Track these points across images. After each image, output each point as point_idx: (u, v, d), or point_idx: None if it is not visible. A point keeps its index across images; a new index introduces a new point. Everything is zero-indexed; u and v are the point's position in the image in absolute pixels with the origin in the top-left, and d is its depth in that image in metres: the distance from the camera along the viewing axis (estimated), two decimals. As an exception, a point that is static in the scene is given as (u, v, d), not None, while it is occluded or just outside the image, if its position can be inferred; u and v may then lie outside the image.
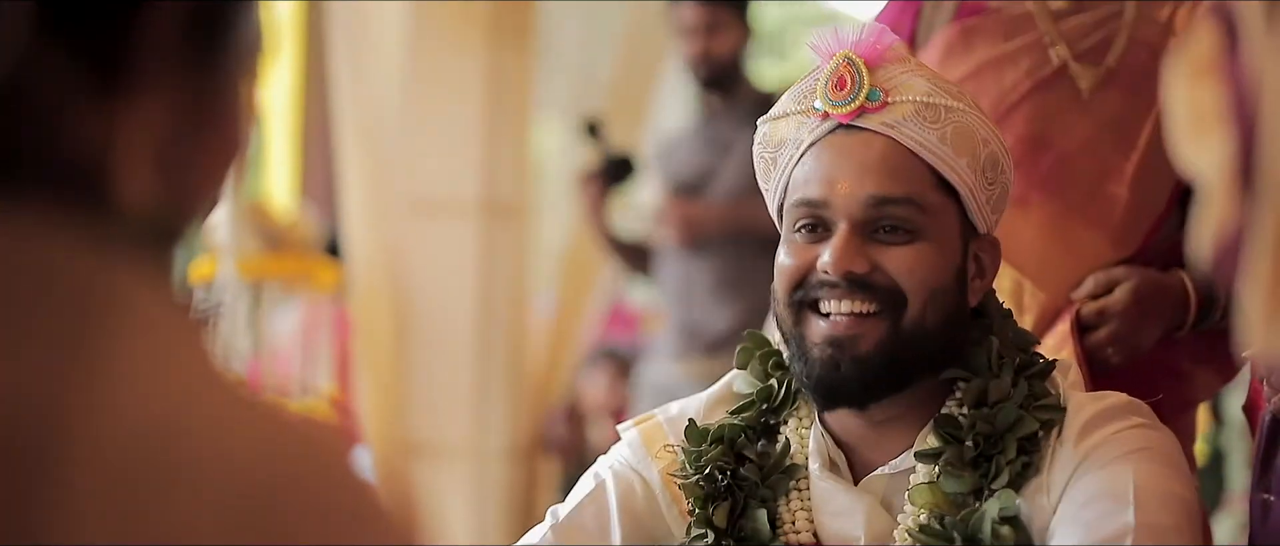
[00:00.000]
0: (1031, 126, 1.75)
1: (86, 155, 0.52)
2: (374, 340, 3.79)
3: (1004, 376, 1.40)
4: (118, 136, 0.53)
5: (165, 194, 0.55)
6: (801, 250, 1.40)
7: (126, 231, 0.53)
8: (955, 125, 1.38)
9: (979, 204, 1.41)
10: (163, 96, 0.54)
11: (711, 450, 1.45)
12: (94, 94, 0.52)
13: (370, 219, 3.82)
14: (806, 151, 1.41)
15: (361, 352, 3.85)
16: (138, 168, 0.54)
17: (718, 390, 1.53)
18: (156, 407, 0.49)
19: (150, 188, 0.54)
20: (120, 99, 0.53)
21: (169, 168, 0.55)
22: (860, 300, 1.37)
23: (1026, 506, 1.34)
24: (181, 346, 0.52)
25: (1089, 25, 1.79)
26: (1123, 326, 1.68)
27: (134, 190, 0.54)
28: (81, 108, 0.52)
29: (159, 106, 0.54)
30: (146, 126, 0.54)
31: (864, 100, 1.38)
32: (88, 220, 0.52)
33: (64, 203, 0.52)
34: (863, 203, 1.37)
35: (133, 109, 0.53)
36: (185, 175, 0.56)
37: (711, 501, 1.43)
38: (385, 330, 3.77)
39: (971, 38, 1.80)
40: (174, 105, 0.55)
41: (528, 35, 3.82)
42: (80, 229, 0.51)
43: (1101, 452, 1.34)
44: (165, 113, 0.54)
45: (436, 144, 3.75)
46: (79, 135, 0.52)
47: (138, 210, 0.54)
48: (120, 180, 0.53)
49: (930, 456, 1.38)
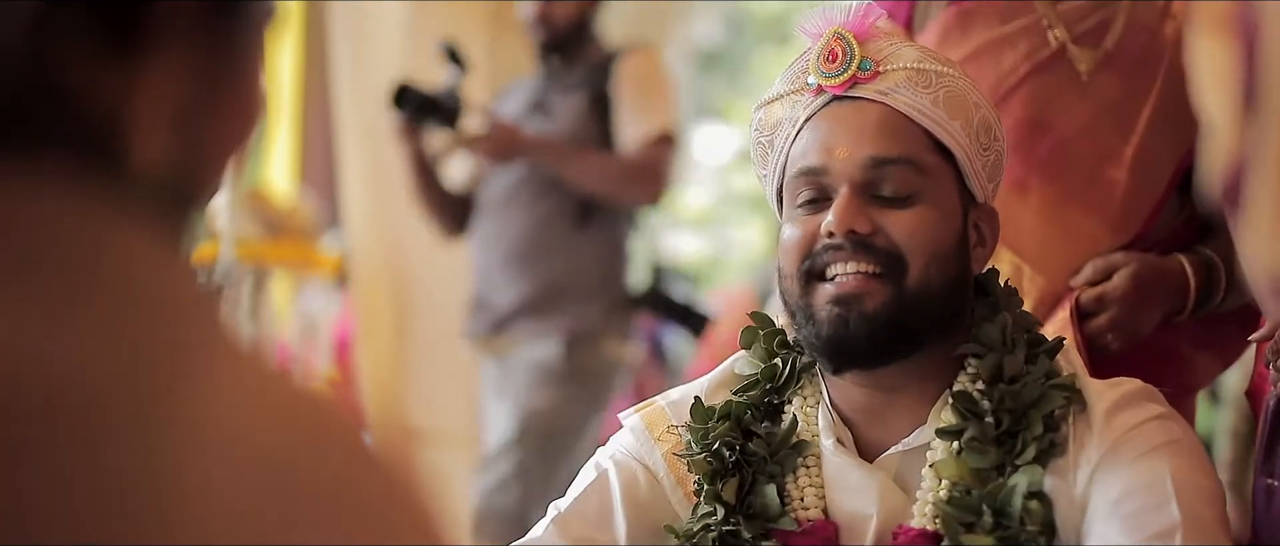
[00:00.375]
0: (1030, 109, 1.75)
1: (101, 114, 0.52)
2: (374, 326, 3.79)
3: (1017, 352, 1.40)
4: (133, 96, 0.53)
5: (180, 157, 0.55)
6: (805, 221, 1.41)
7: (140, 192, 0.53)
8: (947, 89, 1.41)
9: (975, 169, 1.42)
10: (179, 58, 0.54)
11: (718, 427, 1.45)
12: (110, 52, 0.52)
13: (370, 205, 3.82)
14: (803, 126, 1.43)
15: (361, 338, 3.85)
16: (153, 128, 0.53)
17: (719, 373, 1.53)
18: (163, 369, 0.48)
19: (165, 149, 0.54)
20: (137, 58, 0.53)
21: (184, 131, 0.55)
22: (865, 261, 1.37)
23: (1052, 483, 1.35)
24: (192, 308, 0.51)
25: (1087, 8, 1.78)
26: (1122, 312, 1.68)
27: (149, 151, 0.53)
28: (97, 65, 0.52)
29: (175, 68, 0.54)
30: (162, 87, 0.53)
31: (856, 70, 1.40)
32: (101, 179, 0.52)
33: (78, 161, 0.51)
34: (861, 165, 1.38)
35: (149, 69, 0.53)
36: (200, 140, 0.56)
37: (719, 477, 1.43)
38: (385, 316, 3.77)
39: (969, 21, 1.80)
40: (190, 68, 0.54)
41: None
42: (93, 188, 0.51)
43: (1131, 445, 1.34)
44: (182, 75, 0.54)
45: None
46: (94, 93, 0.52)
47: (152, 171, 0.53)
48: (135, 140, 0.53)
49: (952, 433, 1.38)
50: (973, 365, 1.40)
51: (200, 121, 0.56)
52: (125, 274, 0.50)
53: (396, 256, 3.80)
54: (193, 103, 0.55)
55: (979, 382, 1.39)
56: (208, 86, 0.56)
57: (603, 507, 1.47)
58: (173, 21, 0.53)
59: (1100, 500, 1.32)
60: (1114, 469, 1.33)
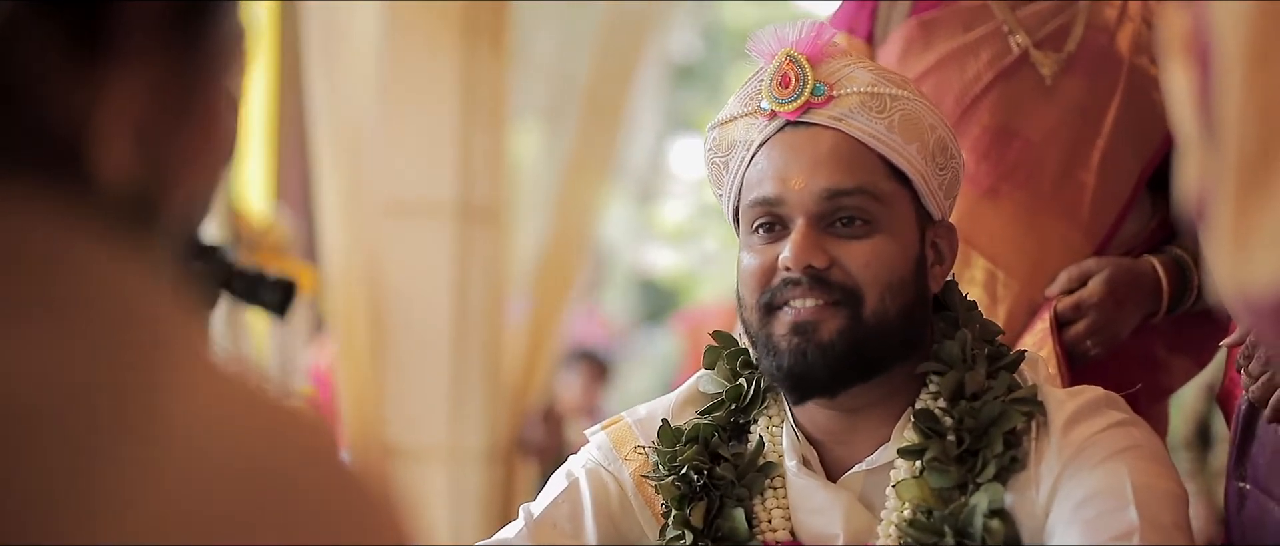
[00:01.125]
0: (996, 116, 1.76)
1: (65, 126, 0.52)
2: (350, 343, 3.77)
3: (978, 368, 1.40)
4: (96, 108, 0.52)
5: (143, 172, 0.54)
6: (762, 250, 1.40)
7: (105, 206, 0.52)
8: (902, 113, 1.39)
9: (931, 190, 1.41)
10: (143, 73, 0.54)
11: (686, 450, 1.45)
12: (74, 65, 0.51)
13: (346, 222, 3.81)
14: (757, 151, 1.42)
15: (338, 355, 3.84)
16: (116, 142, 0.53)
17: (685, 390, 1.53)
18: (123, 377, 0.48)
19: (128, 163, 0.53)
20: (100, 71, 0.52)
21: (148, 146, 0.54)
22: (821, 294, 1.37)
23: (1014, 500, 1.35)
24: (160, 319, 0.51)
25: (1046, 13, 1.79)
26: (1100, 317, 1.69)
27: (111, 164, 0.53)
28: (61, 78, 0.51)
29: (139, 82, 0.53)
30: (126, 101, 0.53)
31: (809, 96, 1.39)
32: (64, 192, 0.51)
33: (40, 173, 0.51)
34: (817, 196, 1.37)
35: (112, 82, 0.53)
36: (164, 156, 0.55)
37: (687, 502, 1.44)
38: (361, 333, 3.76)
39: (931, 31, 1.80)
40: (154, 83, 0.54)
41: (502, 38, 3.82)
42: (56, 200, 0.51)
43: (1091, 452, 1.34)
44: (145, 89, 0.54)
45: (412, 147, 3.74)
46: (58, 106, 0.51)
47: (114, 185, 0.53)
48: (98, 153, 0.52)
49: (914, 452, 1.38)
50: (934, 382, 1.40)
51: (163, 138, 0.55)
52: (87, 284, 0.50)
53: (373, 272, 3.79)
54: (156, 119, 0.54)
55: (940, 400, 1.39)
56: (171, 103, 0.55)
57: (574, 515, 1.47)
58: (137, 36, 0.53)
59: (1061, 507, 1.33)
60: (1075, 477, 1.33)
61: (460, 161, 3.75)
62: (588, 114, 3.97)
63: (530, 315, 4.02)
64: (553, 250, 4.03)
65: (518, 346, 3.97)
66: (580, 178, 3.98)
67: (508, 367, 3.88)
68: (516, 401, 3.94)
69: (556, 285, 4.06)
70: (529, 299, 4.09)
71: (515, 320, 4.01)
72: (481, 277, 3.77)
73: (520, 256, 4.05)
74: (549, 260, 4.07)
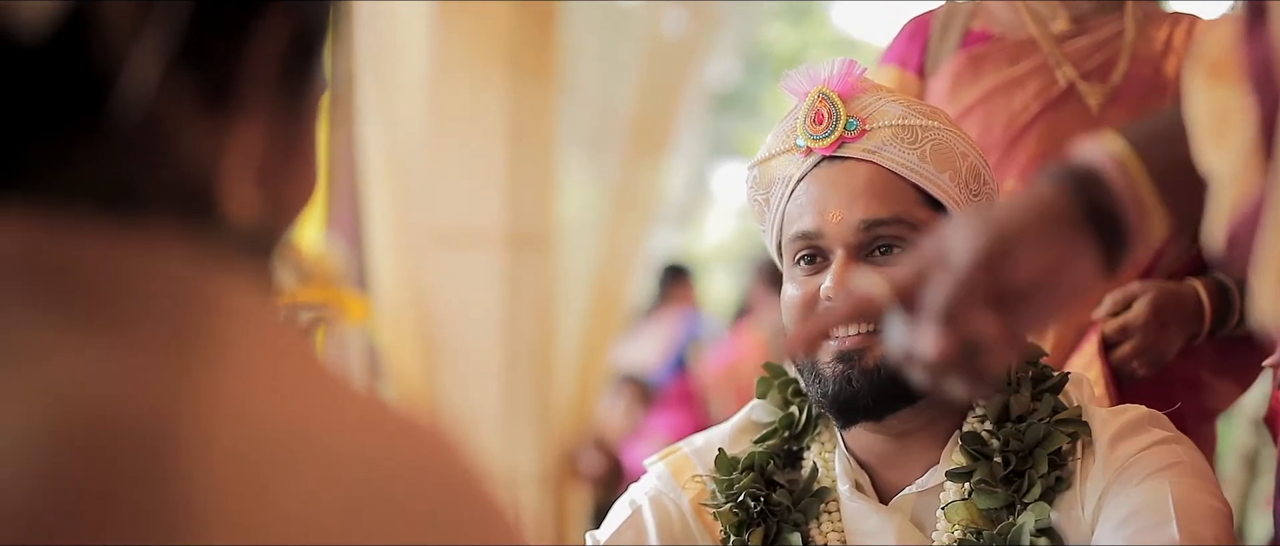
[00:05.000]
0: (1043, 145, 1.80)
1: (197, 173, 0.56)
2: (401, 371, 3.82)
3: (1023, 391, 1.44)
4: (224, 156, 0.57)
5: (263, 209, 0.59)
6: (804, 282, 1.44)
7: (233, 244, 0.57)
8: (933, 142, 1.43)
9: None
10: (262, 121, 0.58)
11: (743, 478, 1.49)
12: (206, 118, 0.56)
13: (396, 251, 3.86)
14: (796, 187, 1.46)
15: (388, 384, 3.88)
16: (240, 185, 0.58)
17: (739, 420, 1.57)
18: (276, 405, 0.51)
19: (251, 204, 0.58)
20: (227, 121, 0.57)
21: (266, 186, 0.59)
22: (862, 322, 1.40)
23: (1060, 519, 1.38)
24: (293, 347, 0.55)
25: (1091, 46, 1.83)
26: (1145, 339, 1.72)
27: (237, 205, 0.58)
28: (195, 129, 0.56)
29: (258, 130, 0.58)
30: (248, 148, 0.58)
31: (842, 131, 1.43)
32: (197, 230, 0.56)
33: (177, 214, 0.56)
34: (855, 228, 1.41)
35: (237, 131, 0.57)
36: (279, 194, 0.60)
37: (746, 527, 1.48)
38: (412, 361, 3.81)
39: (979, 65, 1.85)
40: (271, 129, 0.59)
41: (549, 69, 3.87)
42: (191, 238, 0.55)
43: (1135, 469, 1.36)
44: (263, 135, 0.58)
45: (461, 175, 3.79)
46: (192, 155, 0.56)
47: (241, 225, 0.58)
48: (225, 196, 0.57)
49: (962, 475, 1.41)
50: (980, 405, 1.44)
51: (279, 175, 0.60)
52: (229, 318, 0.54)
53: (422, 301, 3.84)
54: (271, 162, 0.59)
55: (986, 423, 1.43)
56: (283, 147, 0.60)
57: (639, 542, 1.51)
58: (258, 87, 0.58)
59: (1105, 524, 1.35)
60: (1118, 494, 1.36)
61: (508, 189, 3.80)
62: (632, 142, 4.01)
63: (580, 341, 4.06)
64: (601, 276, 4.07)
65: (568, 372, 4.01)
66: (626, 205, 4.02)
67: (557, 393, 3.92)
68: (567, 427, 3.97)
69: (605, 311, 4.10)
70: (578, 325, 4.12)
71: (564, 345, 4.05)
72: (530, 304, 3.81)
73: (569, 282, 4.09)
74: (598, 286, 4.10)
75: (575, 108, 4.13)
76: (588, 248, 4.10)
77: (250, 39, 0.57)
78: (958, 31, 1.90)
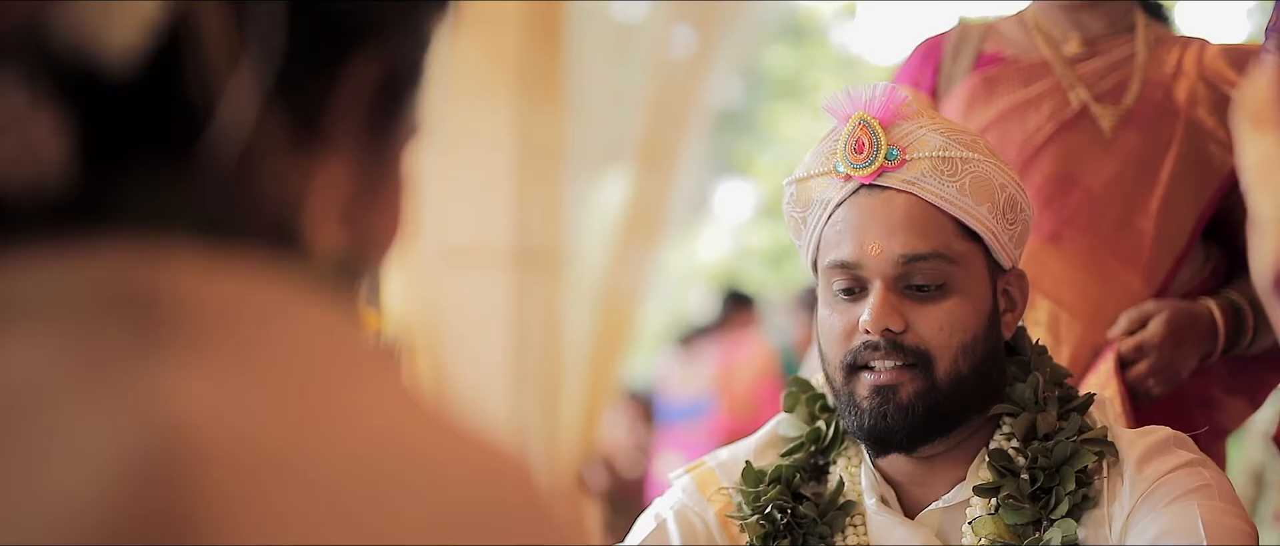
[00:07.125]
0: (1057, 166, 1.83)
1: (284, 208, 0.58)
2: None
3: (1049, 410, 1.46)
4: (309, 194, 0.58)
5: (347, 245, 0.60)
6: (845, 310, 1.45)
7: (321, 276, 0.59)
8: (973, 175, 1.44)
9: (1001, 243, 1.46)
10: (348, 159, 0.59)
11: (769, 490, 1.51)
12: (294, 155, 0.58)
13: (405, 269, 3.88)
14: (834, 211, 1.47)
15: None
16: (325, 222, 0.59)
17: (765, 434, 1.59)
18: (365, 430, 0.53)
19: (335, 240, 0.59)
20: (314, 159, 0.58)
21: (351, 223, 0.60)
22: (898, 356, 1.43)
23: (1087, 536, 1.40)
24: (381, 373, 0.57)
25: (1103, 69, 1.87)
26: (1160, 358, 1.74)
27: (322, 240, 0.59)
28: (283, 166, 0.57)
29: (345, 169, 0.59)
30: (333, 186, 0.59)
31: (883, 161, 1.43)
32: (284, 261, 0.58)
33: (265, 245, 0.58)
34: (894, 261, 1.42)
35: (323, 169, 0.59)
36: (364, 230, 0.62)
37: (772, 539, 1.50)
38: (421, 378, 3.82)
39: (993, 86, 1.88)
40: (357, 169, 0.60)
41: (557, 88, 3.89)
42: (278, 268, 0.58)
43: (1163, 491, 1.38)
44: (350, 175, 0.60)
45: (469, 194, 3.80)
46: (279, 191, 0.57)
47: (326, 257, 0.59)
48: (311, 231, 0.59)
49: (989, 490, 1.44)
50: (1007, 423, 1.46)
51: (363, 214, 0.62)
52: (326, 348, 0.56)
53: (431, 319, 3.86)
54: (355, 200, 0.61)
55: (1013, 440, 1.45)
56: (368, 185, 0.61)
57: None
58: (346, 126, 0.59)
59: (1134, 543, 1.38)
60: (1147, 515, 1.38)
61: (517, 207, 3.81)
62: (640, 161, 4.04)
63: (587, 358, 4.08)
64: (610, 294, 4.09)
65: (576, 389, 4.03)
66: (634, 223, 4.04)
67: (566, 411, 3.94)
68: (575, 444, 3.99)
69: (614, 329, 4.12)
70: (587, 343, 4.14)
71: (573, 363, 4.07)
72: (539, 322, 3.83)
73: (578, 300, 4.11)
74: (606, 304, 4.12)
75: (583, 127, 4.16)
76: (596, 266, 4.12)
77: (341, 78, 0.58)
78: (970, 53, 1.92)
